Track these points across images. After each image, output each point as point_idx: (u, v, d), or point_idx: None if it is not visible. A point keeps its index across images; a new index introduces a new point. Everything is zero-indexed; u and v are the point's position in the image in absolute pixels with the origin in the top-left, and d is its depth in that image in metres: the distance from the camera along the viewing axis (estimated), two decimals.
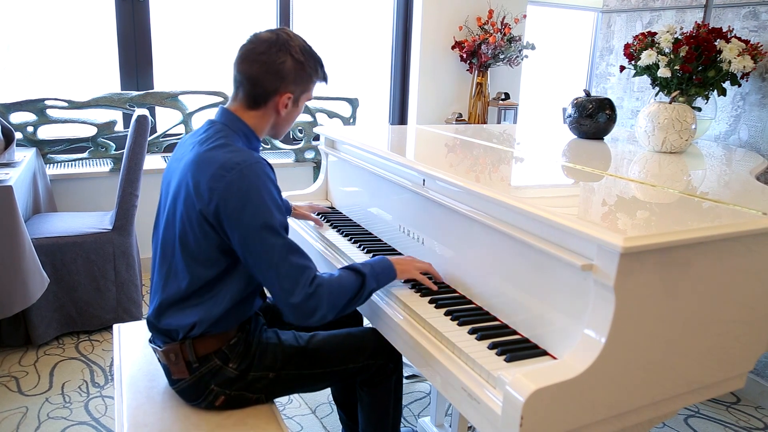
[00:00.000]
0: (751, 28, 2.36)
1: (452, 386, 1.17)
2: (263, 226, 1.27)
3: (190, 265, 1.34)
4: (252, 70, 1.36)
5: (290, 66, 1.38)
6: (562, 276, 1.15)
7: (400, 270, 1.47)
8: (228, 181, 1.26)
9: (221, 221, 1.28)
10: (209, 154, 1.32)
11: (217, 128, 1.39)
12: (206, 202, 1.28)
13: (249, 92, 1.39)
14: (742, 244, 1.19)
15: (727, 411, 2.36)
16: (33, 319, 2.52)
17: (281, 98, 1.40)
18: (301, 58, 1.39)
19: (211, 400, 1.40)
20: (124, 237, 2.68)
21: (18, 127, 2.95)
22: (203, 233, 1.31)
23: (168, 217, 1.39)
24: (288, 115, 1.45)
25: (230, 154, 1.31)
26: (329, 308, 1.32)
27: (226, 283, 1.37)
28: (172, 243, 1.37)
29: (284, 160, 3.67)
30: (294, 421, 2.17)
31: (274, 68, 1.36)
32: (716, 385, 1.29)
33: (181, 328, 1.36)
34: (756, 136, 2.37)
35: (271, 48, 1.36)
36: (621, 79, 2.96)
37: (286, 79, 1.38)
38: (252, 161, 1.30)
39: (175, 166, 1.42)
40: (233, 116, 1.41)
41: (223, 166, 1.28)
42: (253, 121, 1.42)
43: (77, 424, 2.09)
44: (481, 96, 3.88)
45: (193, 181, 1.31)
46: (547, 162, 1.80)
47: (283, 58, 1.36)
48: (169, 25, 3.41)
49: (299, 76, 1.40)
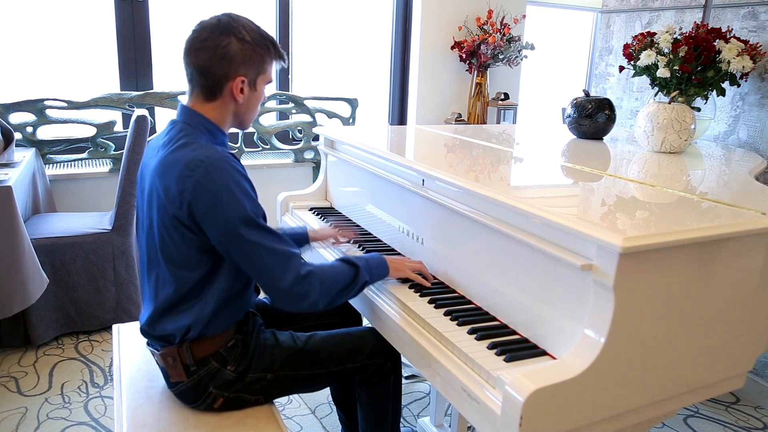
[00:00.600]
0: (750, 28, 2.37)
1: (452, 386, 1.17)
2: (240, 221, 1.25)
3: (175, 271, 1.33)
4: (199, 60, 1.31)
5: (236, 48, 1.31)
6: (561, 276, 1.15)
7: (393, 267, 1.48)
8: (195, 181, 1.24)
9: (197, 222, 1.26)
10: (172, 156, 1.28)
11: (179, 128, 1.35)
12: (178, 205, 1.25)
13: (201, 84, 1.34)
14: (742, 244, 1.19)
15: (727, 411, 2.36)
16: (32, 320, 2.52)
17: (234, 83, 1.33)
18: (247, 38, 1.33)
19: (210, 403, 1.40)
20: (123, 237, 2.68)
21: (17, 128, 2.95)
22: (181, 237, 1.29)
23: (146, 225, 1.37)
24: (248, 101, 1.38)
25: (193, 152, 1.27)
26: (320, 295, 1.31)
27: (212, 283, 1.35)
28: (154, 251, 1.35)
29: (284, 160, 3.67)
30: (293, 422, 2.17)
31: (220, 53, 1.30)
32: (715, 384, 1.29)
33: (177, 333, 1.36)
34: (755, 136, 2.37)
35: (213, 32, 1.31)
36: (620, 80, 2.96)
37: (234, 61, 1.31)
38: (215, 157, 1.26)
39: (145, 171, 1.39)
40: (192, 112, 1.36)
41: (187, 166, 1.25)
42: (212, 114, 1.36)
43: (77, 425, 2.09)
44: (481, 96, 3.88)
45: (162, 187, 1.28)
46: (547, 162, 1.80)
47: (226, 40, 1.30)
48: (169, 25, 3.41)
49: (249, 57, 1.33)
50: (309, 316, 1.75)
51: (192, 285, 1.34)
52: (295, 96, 3.58)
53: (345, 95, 3.75)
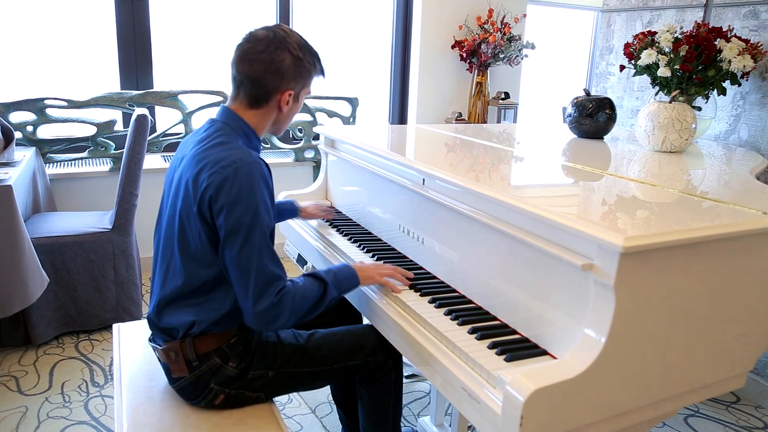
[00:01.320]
0: (751, 27, 2.36)
1: (452, 386, 1.17)
2: (250, 225, 1.27)
3: (188, 263, 1.35)
4: (252, 70, 1.36)
5: (289, 63, 1.38)
6: (562, 275, 1.14)
7: (363, 277, 1.48)
8: (223, 177, 1.27)
9: (212, 214, 1.29)
10: (208, 152, 1.33)
11: (218, 127, 1.39)
12: (200, 196, 1.29)
13: (250, 92, 1.39)
14: (742, 243, 1.19)
15: (727, 410, 2.36)
16: (33, 319, 2.52)
17: (282, 96, 1.40)
18: (300, 54, 1.39)
19: (211, 399, 1.40)
20: (123, 236, 2.68)
21: (17, 127, 2.95)
22: (199, 232, 1.32)
23: (169, 215, 1.40)
24: (289, 112, 1.46)
25: (228, 151, 1.31)
26: (290, 316, 1.33)
27: (224, 286, 1.36)
28: (171, 241, 1.38)
29: (284, 159, 3.67)
30: (294, 421, 2.17)
31: (274, 67, 1.36)
32: (716, 384, 1.29)
33: (180, 327, 1.37)
34: (756, 135, 2.37)
35: (270, 46, 1.36)
36: (621, 79, 2.95)
37: (286, 76, 1.38)
38: (249, 160, 1.30)
39: (177, 165, 1.43)
40: (234, 115, 1.41)
41: (219, 163, 1.29)
42: (254, 120, 1.42)
43: (77, 424, 2.09)
44: (481, 95, 3.88)
45: (192, 179, 1.32)
46: (547, 161, 1.80)
47: (282, 56, 1.36)
48: (169, 24, 3.41)
49: (298, 72, 1.40)
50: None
51: (203, 282, 1.35)
52: None
53: (345, 94, 3.75)
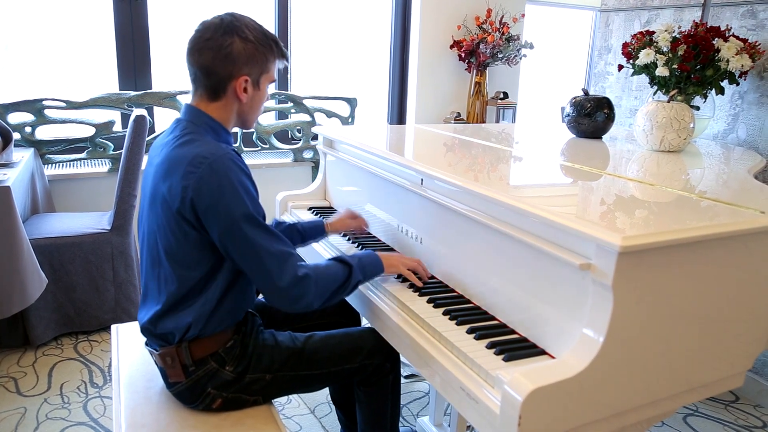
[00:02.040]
0: (749, 26, 2.36)
1: (451, 386, 1.17)
2: (241, 218, 1.26)
3: (177, 269, 1.33)
4: (202, 60, 1.32)
5: (239, 47, 1.32)
6: (560, 275, 1.14)
7: (387, 264, 1.48)
8: (198, 177, 1.24)
9: (199, 218, 1.27)
10: (176, 152, 1.30)
11: (183, 126, 1.36)
12: (180, 201, 1.26)
13: (205, 83, 1.35)
14: (741, 243, 1.19)
15: (726, 409, 2.36)
16: (31, 320, 2.52)
17: (238, 83, 1.34)
18: (251, 37, 1.34)
19: (208, 403, 1.40)
20: (122, 237, 2.68)
21: (16, 128, 2.94)
22: (184, 234, 1.29)
23: (150, 224, 1.37)
24: (251, 101, 1.39)
25: (197, 149, 1.28)
26: (315, 296, 1.33)
27: (213, 281, 1.35)
28: (157, 251, 1.36)
29: (282, 159, 3.67)
30: (293, 421, 2.17)
31: (223, 53, 1.31)
32: (715, 383, 1.29)
33: (177, 331, 1.36)
34: (754, 134, 2.37)
35: (216, 32, 1.31)
36: (619, 78, 2.96)
37: (237, 61, 1.32)
38: (220, 153, 1.27)
39: (150, 170, 1.40)
40: (197, 111, 1.37)
41: (191, 163, 1.26)
42: (216, 113, 1.37)
43: (76, 425, 2.09)
44: (480, 95, 3.88)
45: (167, 184, 1.29)
46: (546, 161, 1.80)
47: (229, 40, 1.31)
48: (167, 24, 3.41)
49: (252, 56, 1.34)
50: (308, 317, 1.74)
51: (194, 283, 1.34)
52: (294, 95, 3.58)
53: (344, 95, 3.74)
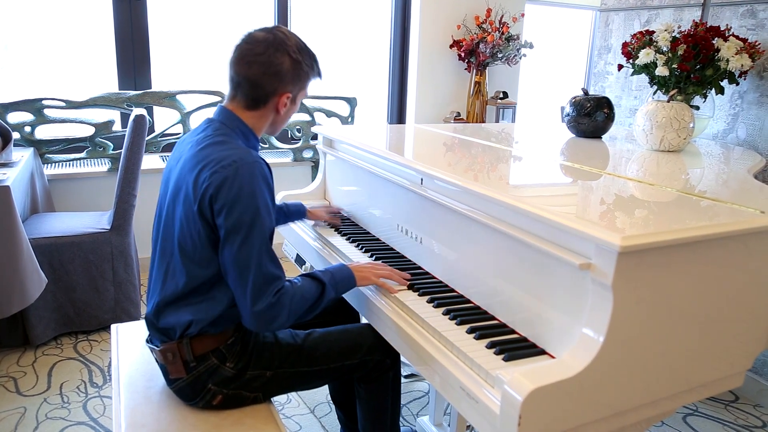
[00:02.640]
0: (749, 26, 2.36)
1: (451, 385, 1.17)
2: (250, 225, 1.27)
3: (188, 264, 1.35)
4: (250, 72, 1.36)
5: (288, 66, 1.37)
6: (560, 275, 1.14)
7: (359, 277, 1.48)
8: (223, 177, 1.27)
9: (213, 213, 1.29)
10: (207, 151, 1.32)
11: (216, 126, 1.39)
12: (200, 195, 1.28)
13: (248, 93, 1.38)
14: (740, 242, 1.19)
15: (726, 409, 2.36)
16: (31, 320, 2.51)
17: (281, 99, 1.40)
18: (299, 58, 1.39)
19: (209, 399, 1.40)
20: (122, 237, 2.68)
21: (15, 127, 2.94)
22: (198, 232, 1.31)
23: (167, 216, 1.39)
24: (286, 114, 1.46)
25: (228, 151, 1.31)
26: (288, 316, 1.33)
27: (222, 285, 1.36)
28: (170, 243, 1.38)
29: (282, 159, 3.67)
30: (293, 421, 2.17)
31: (273, 70, 1.36)
32: (715, 383, 1.29)
33: (178, 326, 1.37)
34: (754, 134, 2.37)
35: (269, 48, 1.35)
36: (619, 78, 2.96)
37: (284, 79, 1.38)
38: (250, 160, 1.30)
39: (174, 165, 1.42)
40: (232, 115, 1.40)
41: (219, 162, 1.28)
42: (251, 121, 1.42)
43: (75, 425, 2.09)
44: (480, 95, 3.88)
45: (192, 178, 1.31)
46: (546, 161, 1.80)
47: (281, 59, 1.36)
48: (167, 24, 3.41)
49: (297, 75, 1.40)
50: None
51: (202, 282, 1.35)
52: None
53: (344, 94, 3.74)
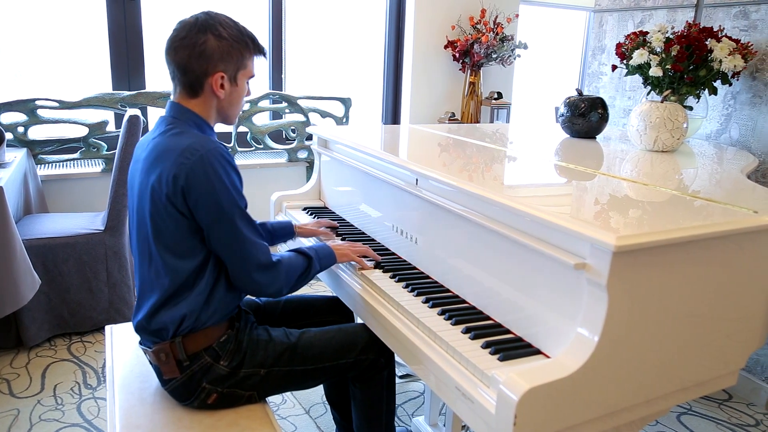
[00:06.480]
0: (742, 27, 2.38)
1: (446, 385, 1.17)
2: (229, 209, 1.31)
3: (170, 261, 1.34)
4: (178, 57, 1.36)
5: (213, 45, 1.35)
6: (555, 275, 1.15)
7: (339, 254, 1.59)
8: (189, 168, 1.28)
9: (189, 206, 1.31)
10: (165, 143, 1.33)
11: (169, 121, 1.39)
12: (172, 188, 1.29)
13: (183, 81, 1.38)
14: (734, 242, 1.20)
15: (720, 408, 2.37)
16: (24, 321, 2.50)
17: (213, 79, 1.38)
18: (225, 34, 1.37)
19: (203, 398, 1.40)
20: (116, 237, 2.67)
21: (8, 128, 2.93)
22: (175, 222, 1.32)
23: (139, 219, 1.39)
24: (230, 96, 1.42)
25: (188, 140, 1.32)
26: (284, 282, 1.42)
27: (204, 273, 1.37)
28: (148, 244, 1.37)
29: (277, 159, 3.66)
30: (288, 422, 2.16)
31: (198, 50, 1.35)
32: (709, 382, 1.30)
33: (171, 325, 1.36)
34: (747, 134, 2.38)
35: (192, 30, 1.35)
36: (613, 79, 2.97)
37: (212, 58, 1.36)
38: (210, 147, 1.32)
39: (135, 167, 1.42)
40: (180, 107, 1.40)
41: (182, 153, 1.30)
42: (198, 109, 1.41)
43: (69, 426, 2.08)
44: (474, 95, 3.88)
45: (156, 173, 1.31)
46: (540, 161, 1.80)
47: (203, 38, 1.35)
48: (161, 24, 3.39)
49: (227, 53, 1.37)
50: (301, 314, 1.75)
51: (186, 275, 1.36)
52: (288, 95, 3.57)
53: (338, 95, 3.74)
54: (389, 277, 1.55)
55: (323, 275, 1.75)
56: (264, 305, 1.72)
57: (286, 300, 1.76)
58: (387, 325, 1.40)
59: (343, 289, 1.65)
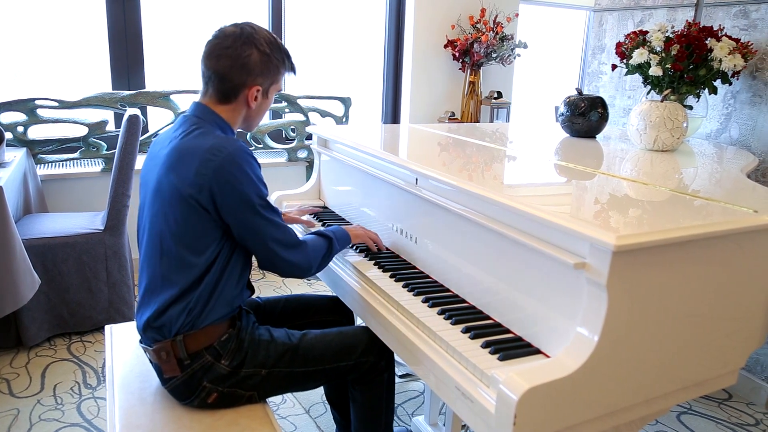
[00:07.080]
0: (742, 26, 2.38)
1: (446, 385, 1.17)
2: (258, 201, 1.36)
3: (186, 257, 1.35)
4: (219, 66, 1.38)
5: (256, 59, 1.40)
6: (555, 274, 1.15)
7: (353, 235, 1.68)
8: (217, 165, 1.30)
9: (215, 204, 1.33)
10: (189, 143, 1.35)
11: (193, 121, 1.41)
12: (197, 188, 1.31)
13: (218, 87, 1.41)
14: (734, 241, 1.20)
15: (719, 407, 2.37)
16: (24, 321, 2.50)
17: (250, 91, 1.42)
18: (267, 50, 1.41)
19: (204, 398, 1.40)
20: (115, 237, 2.67)
21: (8, 127, 2.93)
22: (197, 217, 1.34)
23: (152, 215, 1.39)
24: (258, 108, 1.48)
25: (213, 140, 1.34)
26: (313, 260, 1.49)
27: (210, 269, 1.38)
28: (161, 240, 1.37)
29: (277, 159, 3.66)
30: (288, 421, 2.16)
31: (241, 62, 1.38)
32: (709, 381, 1.30)
33: (173, 322, 1.37)
34: (747, 134, 2.38)
35: (237, 42, 1.38)
36: (613, 78, 2.96)
37: (253, 72, 1.40)
38: (236, 146, 1.34)
39: (152, 163, 1.43)
40: (206, 109, 1.43)
41: (209, 151, 1.31)
42: (225, 115, 1.44)
43: (69, 426, 2.08)
44: (474, 95, 3.88)
45: (177, 172, 1.33)
46: (540, 160, 1.80)
47: (248, 51, 1.39)
48: (161, 23, 3.40)
49: (266, 68, 1.42)
50: (301, 313, 1.75)
51: (200, 271, 1.37)
52: (288, 95, 3.57)
53: (338, 94, 3.74)
54: (389, 276, 1.55)
55: (323, 275, 1.75)
56: (264, 304, 1.72)
57: (286, 300, 1.76)
58: (387, 324, 1.40)
59: (342, 288, 1.65)
